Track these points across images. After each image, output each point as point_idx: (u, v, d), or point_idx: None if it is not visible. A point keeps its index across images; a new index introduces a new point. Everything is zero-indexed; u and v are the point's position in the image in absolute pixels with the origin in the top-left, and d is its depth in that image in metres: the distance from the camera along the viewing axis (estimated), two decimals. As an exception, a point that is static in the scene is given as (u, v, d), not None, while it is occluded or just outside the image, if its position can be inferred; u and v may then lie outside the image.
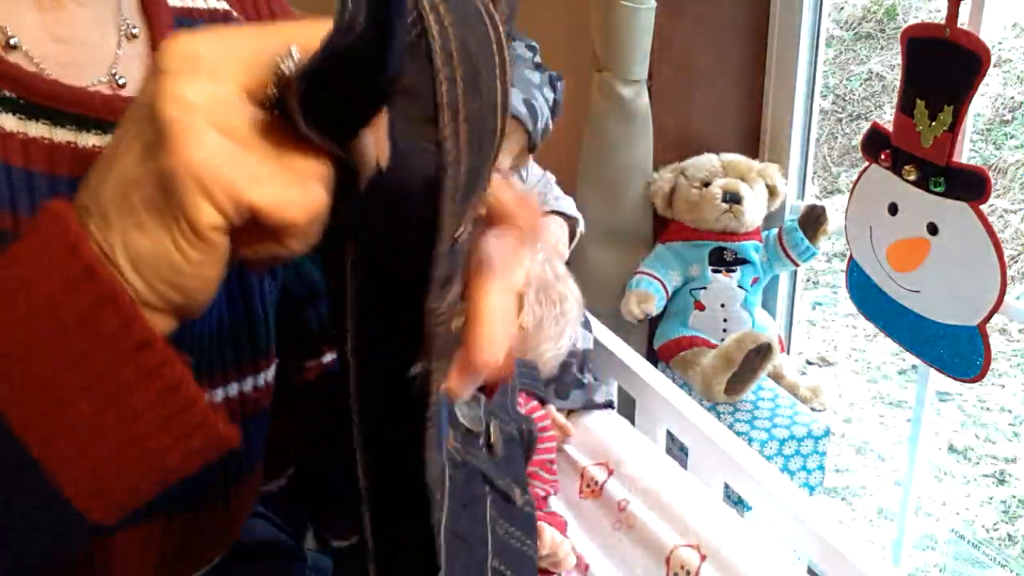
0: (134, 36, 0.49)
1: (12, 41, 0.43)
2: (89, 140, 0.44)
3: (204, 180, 0.28)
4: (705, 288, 1.55)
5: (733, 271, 1.55)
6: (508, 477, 0.53)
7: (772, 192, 1.56)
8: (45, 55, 0.44)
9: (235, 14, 0.54)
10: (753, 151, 1.64)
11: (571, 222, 1.34)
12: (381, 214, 0.29)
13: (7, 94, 0.42)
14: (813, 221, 1.52)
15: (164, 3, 0.51)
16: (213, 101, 0.28)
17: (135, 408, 0.31)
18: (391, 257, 0.30)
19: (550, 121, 1.24)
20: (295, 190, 0.29)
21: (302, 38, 0.29)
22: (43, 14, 0.45)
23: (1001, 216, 2.84)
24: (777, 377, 1.56)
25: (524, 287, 0.37)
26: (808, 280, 2.97)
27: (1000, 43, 3.01)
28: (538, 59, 1.22)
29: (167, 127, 0.28)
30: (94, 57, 0.46)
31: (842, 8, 3.42)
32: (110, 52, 0.48)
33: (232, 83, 0.29)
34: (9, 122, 0.41)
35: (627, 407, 1.29)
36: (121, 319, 0.30)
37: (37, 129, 0.42)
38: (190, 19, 0.52)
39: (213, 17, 0.53)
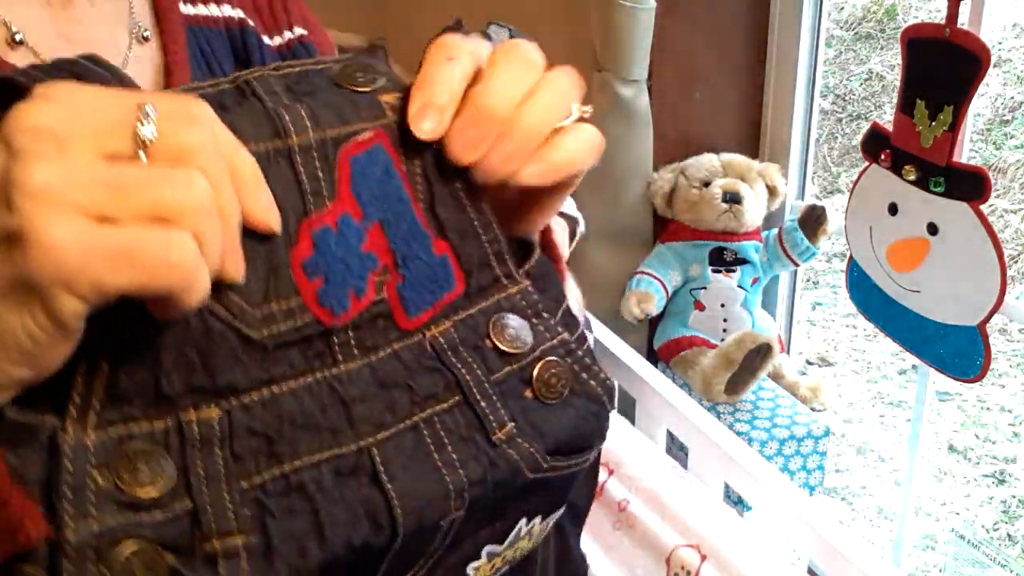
0: (145, 39, 0.49)
1: (17, 37, 0.43)
2: None
3: (68, 279, 0.27)
4: (705, 288, 1.55)
5: (733, 271, 1.55)
6: None
7: (772, 192, 1.56)
8: (53, 52, 0.43)
9: (250, 23, 0.54)
10: (753, 151, 1.64)
11: (571, 222, 1.34)
12: None
13: None
14: (813, 221, 1.52)
15: (176, 9, 0.51)
16: (69, 182, 0.27)
17: None
18: None
19: (550, 121, 1.24)
20: (166, 255, 0.28)
21: (160, 101, 0.29)
22: (52, 11, 0.45)
23: (1001, 216, 2.84)
24: (777, 377, 1.56)
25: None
26: (808, 280, 2.97)
27: (1000, 43, 3.01)
28: (538, 59, 1.22)
29: (22, 222, 0.26)
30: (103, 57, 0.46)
31: (842, 8, 3.43)
32: (120, 53, 0.47)
33: (88, 154, 0.28)
34: None
35: (627, 407, 1.29)
36: None
37: None
38: (202, 27, 0.51)
39: (228, 25, 0.53)
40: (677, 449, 1.33)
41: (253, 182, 0.32)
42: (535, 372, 0.39)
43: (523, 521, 0.40)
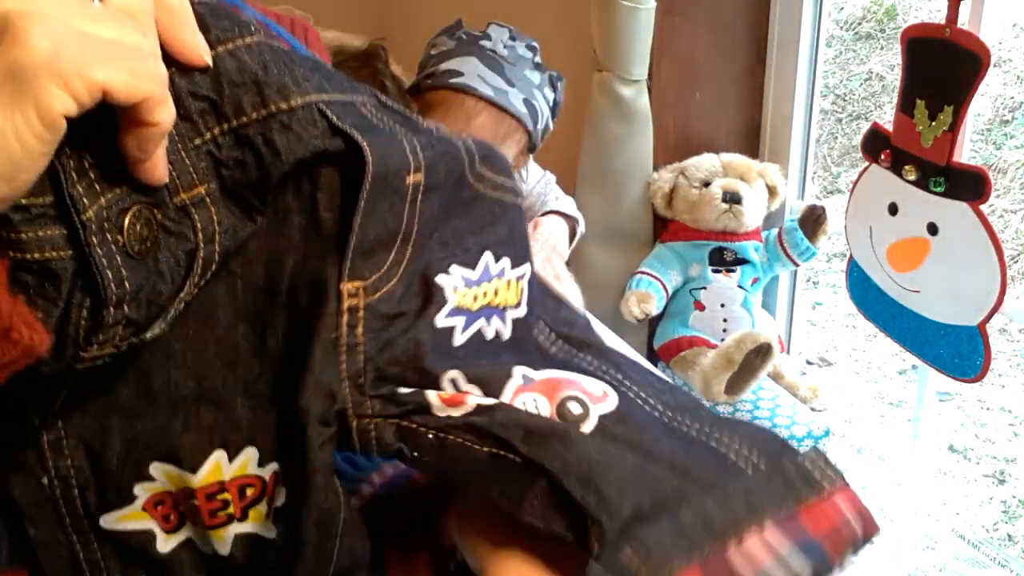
0: None
1: None
2: None
3: (57, 67, 0.28)
4: (705, 288, 1.55)
5: (733, 271, 1.55)
6: None
7: (772, 192, 1.56)
8: None
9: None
10: (753, 151, 1.64)
11: (571, 222, 1.34)
12: None
13: None
14: (813, 221, 1.52)
15: None
16: None
17: None
18: None
19: (550, 121, 1.24)
20: (143, 64, 0.30)
21: None
22: None
23: (1001, 216, 2.84)
24: (777, 377, 1.55)
25: None
26: (808, 280, 2.97)
27: (1000, 43, 3.01)
28: (538, 59, 1.22)
29: (13, 17, 0.27)
30: None
31: (842, 8, 3.42)
32: None
33: None
34: None
35: (627, 407, 1.29)
36: None
37: None
38: None
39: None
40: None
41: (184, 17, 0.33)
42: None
43: (488, 255, 0.42)
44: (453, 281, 0.40)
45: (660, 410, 0.41)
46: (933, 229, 1.13)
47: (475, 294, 0.41)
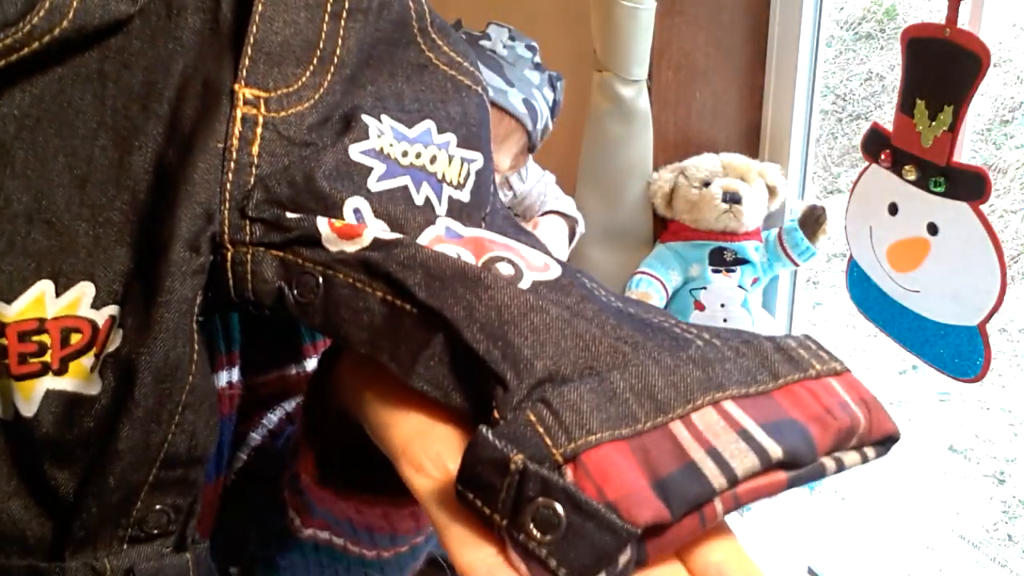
0: None
1: None
2: None
3: None
4: (705, 288, 1.55)
5: (733, 271, 1.55)
6: None
7: (772, 192, 1.56)
8: None
9: None
10: (753, 151, 1.64)
11: (571, 222, 1.34)
12: None
13: None
14: (813, 221, 1.52)
15: None
16: None
17: None
18: None
19: (550, 121, 1.24)
20: None
21: None
22: None
23: (1001, 216, 2.84)
24: (777, 377, 1.55)
25: None
26: (808, 280, 2.97)
27: (1000, 43, 3.01)
28: (538, 59, 1.22)
29: None
30: None
31: (842, 8, 3.42)
32: None
33: None
34: None
35: (627, 407, 1.29)
36: None
37: None
38: None
39: None
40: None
41: None
42: None
43: (432, 125, 0.35)
44: (381, 127, 0.33)
45: (620, 304, 0.31)
46: (933, 229, 1.13)
47: (405, 149, 0.34)
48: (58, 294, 0.30)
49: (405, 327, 0.29)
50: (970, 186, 1.06)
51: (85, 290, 0.30)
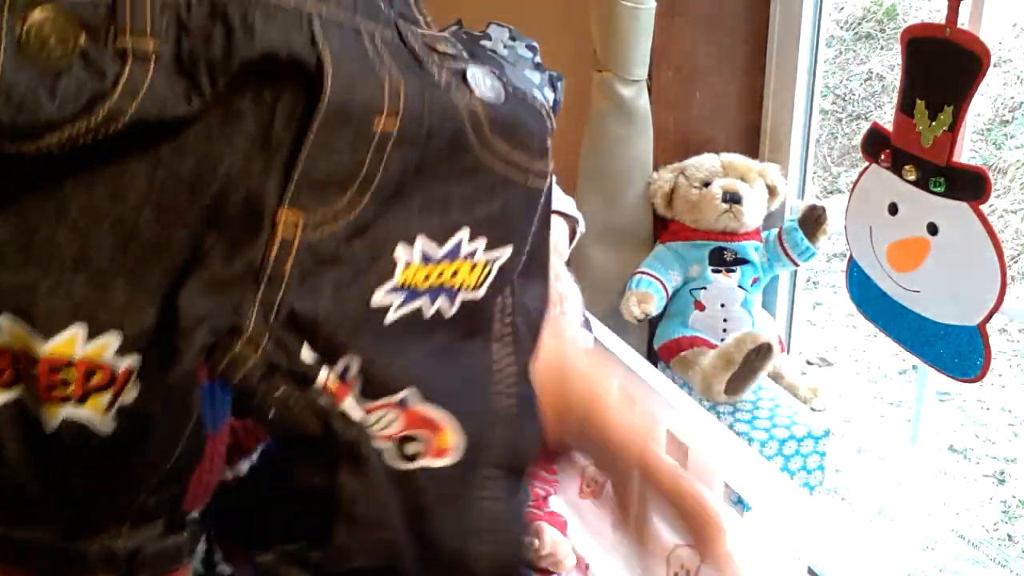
0: None
1: None
2: None
3: None
4: (705, 288, 1.55)
5: (733, 271, 1.55)
6: None
7: (772, 192, 1.56)
8: None
9: None
10: (753, 151, 1.64)
11: (571, 222, 1.34)
12: None
13: None
14: (813, 221, 1.52)
15: None
16: None
17: None
18: None
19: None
20: None
21: None
22: None
23: (1001, 216, 2.84)
24: (777, 377, 1.55)
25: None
26: (808, 280, 2.97)
27: (1000, 43, 3.01)
28: (538, 59, 1.22)
29: None
30: None
31: (842, 8, 3.43)
32: None
33: None
34: None
35: (627, 407, 1.29)
36: None
37: None
38: None
39: None
40: (677, 449, 1.33)
41: None
42: (466, 72, 0.40)
43: (465, 233, 0.38)
44: (410, 255, 0.37)
45: (486, 471, 0.40)
46: (933, 229, 1.13)
47: (428, 272, 0.37)
48: (89, 338, 0.34)
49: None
50: (970, 186, 1.06)
51: (111, 339, 0.34)
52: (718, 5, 1.55)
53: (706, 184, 1.53)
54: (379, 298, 0.36)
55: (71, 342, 0.33)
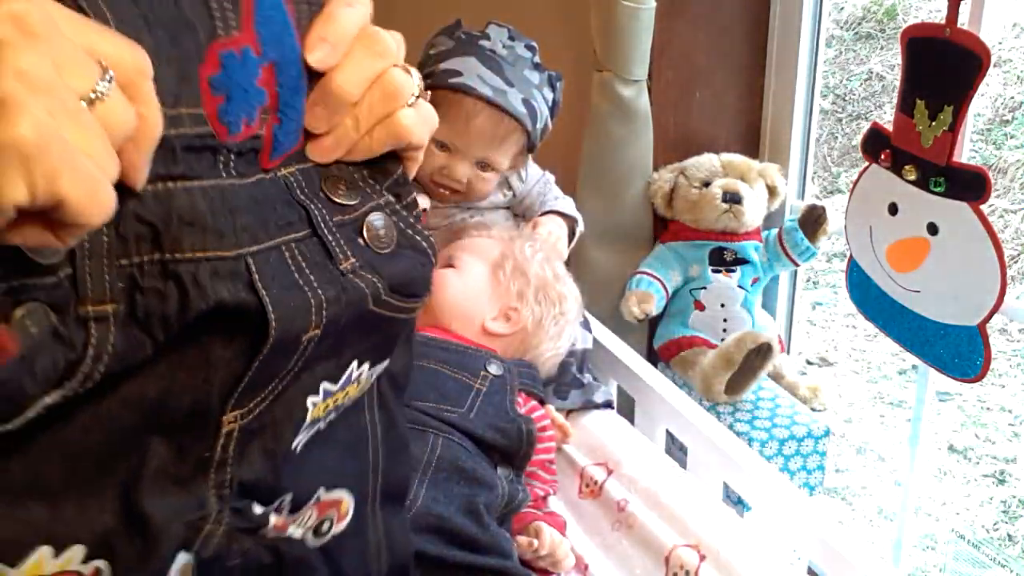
0: None
1: None
2: None
3: (29, 159, 0.28)
4: (705, 288, 1.55)
5: (733, 271, 1.55)
6: None
7: (772, 192, 1.56)
8: None
9: None
10: (753, 151, 1.64)
11: (570, 222, 1.34)
12: None
13: None
14: (813, 221, 1.52)
15: None
16: (51, 86, 0.29)
17: None
18: None
19: (549, 121, 1.24)
20: (104, 191, 0.30)
21: (119, 55, 0.32)
22: None
23: (1001, 216, 2.84)
24: (777, 377, 1.55)
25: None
26: (808, 280, 2.97)
27: (1000, 43, 3.01)
28: (538, 59, 1.22)
29: (6, 97, 0.28)
30: None
31: (842, 8, 3.43)
32: None
33: (63, 67, 0.29)
34: None
35: (627, 407, 1.29)
36: None
37: None
38: None
39: None
40: (677, 449, 1.33)
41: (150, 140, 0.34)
42: (363, 224, 0.44)
43: (355, 364, 0.46)
44: (316, 399, 0.45)
45: (371, 508, 0.50)
46: (933, 229, 1.13)
47: (327, 403, 0.46)
48: (56, 555, 0.37)
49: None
50: (970, 186, 1.06)
51: (76, 552, 0.38)
52: (718, 5, 1.55)
53: (706, 184, 1.53)
54: (295, 441, 0.44)
55: (40, 563, 0.37)
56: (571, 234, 1.34)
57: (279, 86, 0.40)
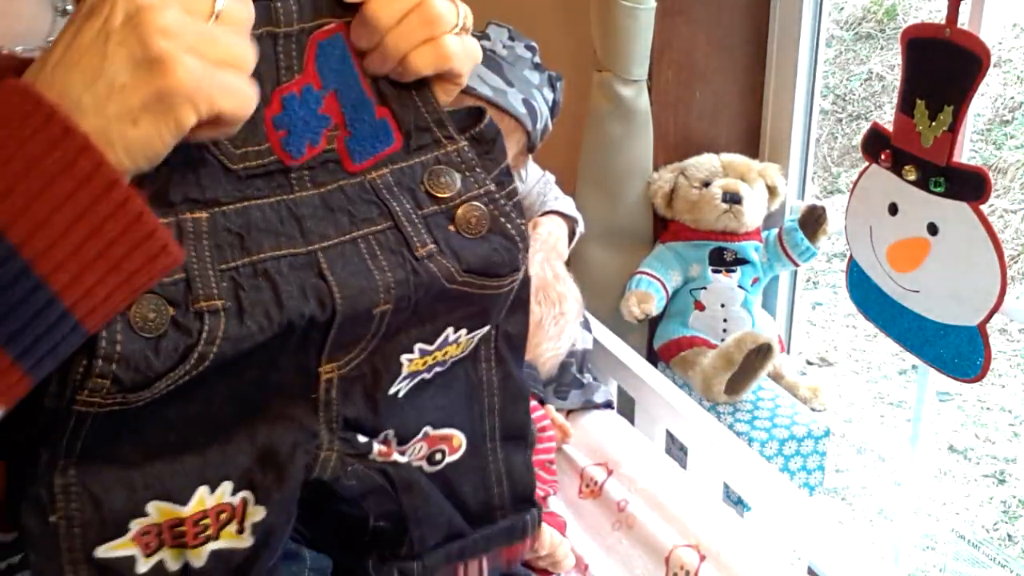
0: (67, 12, 0.57)
1: None
2: None
3: (193, 96, 0.39)
4: (705, 288, 1.55)
5: (733, 271, 1.55)
6: None
7: (772, 192, 1.56)
8: None
9: None
10: (753, 151, 1.64)
11: (570, 222, 1.34)
12: None
13: None
14: (813, 221, 1.52)
15: None
16: (185, 29, 0.39)
17: (111, 236, 0.40)
18: None
19: (550, 121, 1.24)
20: (246, 93, 0.42)
21: None
22: None
23: (1001, 216, 2.84)
24: (777, 377, 1.55)
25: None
26: (808, 280, 2.97)
27: (1000, 43, 3.01)
28: (538, 59, 1.22)
29: (161, 55, 0.38)
30: (32, 29, 0.55)
31: (842, 8, 3.43)
32: (46, 25, 0.56)
33: (193, 7, 0.40)
34: None
35: (627, 407, 1.29)
36: (93, 165, 0.39)
37: None
38: None
39: None
40: (677, 449, 1.33)
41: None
42: (458, 212, 0.51)
43: (450, 330, 0.53)
44: (411, 356, 0.52)
45: (490, 445, 0.59)
46: (933, 229, 1.13)
47: (426, 360, 0.53)
48: (211, 491, 0.49)
49: (388, 501, 0.55)
50: (970, 186, 1.06)
51: (226, 487, 0.49)
52: (718, 5, 1.55)
53: (706, 184, 1.53)
54: (393, 388, 0.53)
55: (202, 500, 0.48)
56: (571, 234, 1.34)
57: (343, 107, 0.49)
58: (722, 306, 1.55)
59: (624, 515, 1.05)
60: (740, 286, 1.55)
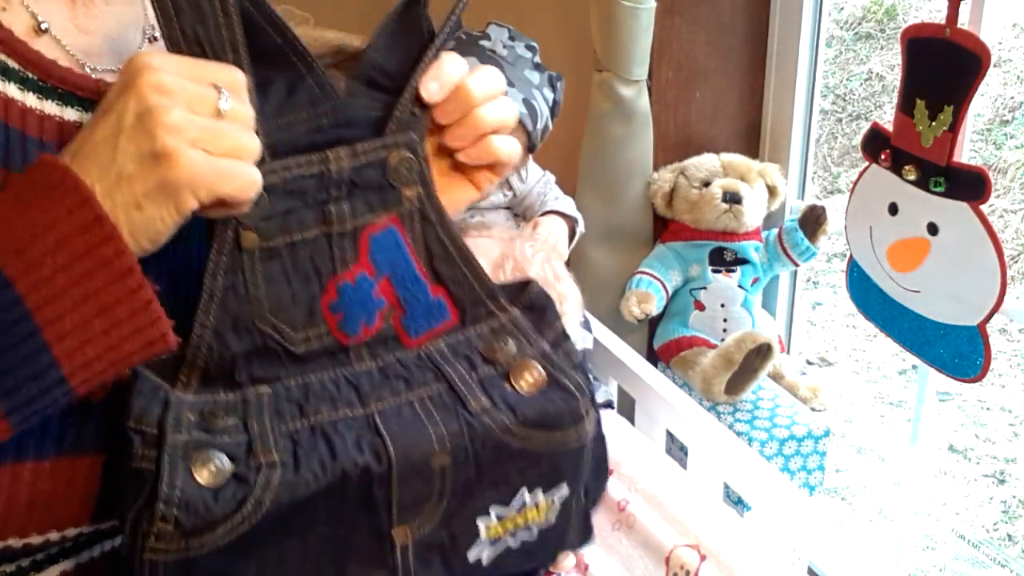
0: (155, 39, 0.60)
1: (43, 26, 0.53)
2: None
3: (192, 184, 0.44)
4: (705, 288, 1.55)
5: (733, 271, 1.55)
6: None
7: (772, 192, 1.56)
8: (74, 44, 0.55)
9: None
10: (753, 151, 1.64)
11: (570, 222, 1.34)
12: None
13: (30, 75, 0.52)
14: (813, 221, 1.52)
15: None
16: (190, 125, 0.44)
17: (119, 316, 0.44)
18: None
19: (550, 121, 1.24)
20: (247, 177, 0.46)
21: (220, 73, 0.47)
22: (73, 8, 0.55)
23: (1001, 216, 2.84)
24: (777, 377, 1.55)
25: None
26: (808, 280, 2.97)
27: (1000, 43, 3.01)
28: (538, 59, 1.22)
29: (166, 149, 0.43)
30: (119, 50, 0.58)
31: (842, 8, 3.42)
32: (134, 49, 0.59)
33: (199, 107, 0.44)
34: (30, 99, 0.51)
35: (627, 407, 1.29)
36: (115, 252, 0.44)
37: (51, 108, 0.52)
38: None
39: None
40: (677, 449, 1.33)
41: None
42: (513, 371, 0.53)
43: (525, 491, 0.54)
44: (488, 520, 0.53)
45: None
46: (933, 229, 1.13)
47: (506, 525, 0.54)
48: None
49: None
50: (970, 186, 1.06)
51: None
52: (718, 5, 1.55)
53: (706, 184, 1.53)
54: (474, 554, 0.54)
55: None
56: (571, 234, 1.34)
57: (397, 290, 0.54)
58: (722, 306, 1.55)
59: (624, 515, 1.05)
60: (740, 286, 1.55)
